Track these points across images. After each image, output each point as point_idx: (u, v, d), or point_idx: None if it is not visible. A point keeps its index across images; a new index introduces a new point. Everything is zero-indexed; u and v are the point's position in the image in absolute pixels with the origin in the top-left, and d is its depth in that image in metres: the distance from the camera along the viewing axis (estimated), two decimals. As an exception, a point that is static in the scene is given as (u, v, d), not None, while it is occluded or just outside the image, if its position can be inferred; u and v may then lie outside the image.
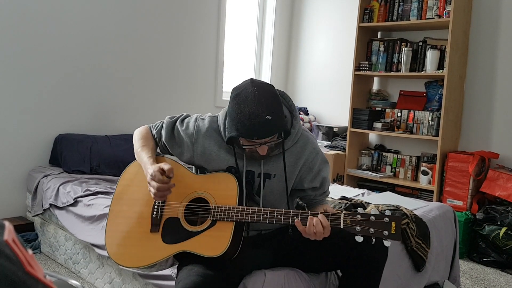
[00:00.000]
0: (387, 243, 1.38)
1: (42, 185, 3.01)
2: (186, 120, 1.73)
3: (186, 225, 1.58)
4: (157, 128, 1.77)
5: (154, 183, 1.54)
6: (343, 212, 1.47)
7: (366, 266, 1.57)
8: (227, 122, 1.58)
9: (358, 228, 1.40)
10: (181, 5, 4.01)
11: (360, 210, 1.45)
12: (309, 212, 1.47)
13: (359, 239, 1.40)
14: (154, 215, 1.63)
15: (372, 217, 1.40)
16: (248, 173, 1.63)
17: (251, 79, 1.53)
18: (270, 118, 1.44)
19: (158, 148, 1.79)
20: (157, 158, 1.72)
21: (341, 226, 1.43)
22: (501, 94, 3.63)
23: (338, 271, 1.81)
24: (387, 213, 1.41)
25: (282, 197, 1.67)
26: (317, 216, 1.44)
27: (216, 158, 1.65)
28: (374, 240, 1.40)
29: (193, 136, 1.67)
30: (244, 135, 1.48)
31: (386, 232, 1.38)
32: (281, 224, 1.50)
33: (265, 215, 1.50)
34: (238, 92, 1.49)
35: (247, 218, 1.50)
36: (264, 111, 1.44)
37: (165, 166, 1.56)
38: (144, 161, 1.66)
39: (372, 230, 1.39)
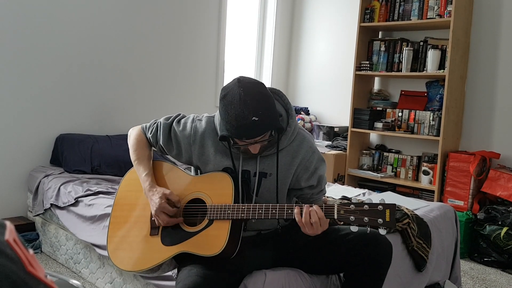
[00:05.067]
0: (382, 231, 1.38)
1: (43, 185, 3.01)
2: (182, 121, 1.72)
3: (185, 226, 1.59)
4: (152, 131, 1.75)
5: (163, 217, 1.56)
6: (337, 202, 1.47)
7: (370, 269, 1.57)
8: (219, 121, 1.58)
9: (352, 217, 1.40)
10: (182, 5, 4.01)
11: (353, 200, 1.44)
12: (304, 205, 1.47)
13: (354, 228, 1.40)
14: (153, 219, 1.63)
15: (366, 206, 1.40)
16: (244, 173, 1.63)
17: (238, 79, 1.50)
18: (256, 119, 1.43)
19: (156, 149, 1.79)
20: (154, 164, 1.73)
21: (335, 216, 1.42)
22: (502, 94, 3.63)
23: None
24: (381, 201, 1.41)
25: (280, 196, 1.67)
26: (312, 207, 1.45)
27: (213, 159, 1.64)
28: (369, 229, 1.40)
29: (190, 137, 1.66)
30: (233, 136, 1.48)
31: (380, 220, 1.37)
32: (277, 218, 1.51)
33: (260, 211, 1.50)
34: (225, 94, 1.48)
35: (242, 215, 1.50)
36: (250, 113, 1.42)
37: (172, 196, 1.57)
38: (141, 178, 1.67)
39: (366, 219, 1.38)
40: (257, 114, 1.43)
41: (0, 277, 0.43)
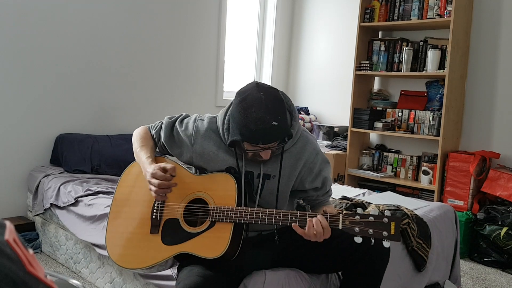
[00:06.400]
0: (386, 243, 1.37)
1: (43, 185, 3.01)
2: (185, 121, 1.72)
3: (186, 226, 1.58)
4: (156, 128, 1.77)
5: (154, 181, 1.53)
6: (342, 212, 1.46)
7: (367, 268, 1.57)
8: (230, 126, 1.56)
9: (357, 229, 1.39)
10: (182, 4, 4.01)
11: (359, 210, 1.43)
12: (308, 213, 1.46)
13: (358, 240, 1.38)
14: (153, 216, 1.63)
15: (371, 218, 1.39)
16: (247, 174, 1.63)
17: (257, 83, 1.51)
18: (276, 124, 1.43)
19: (157, 148, 1.79)
20: (156, 158, 1.72)
21: (340, 227, 1.42)
22: (502, 93, 3.63)
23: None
24: (387, 213, 1.40)
25: (282, 198, 1.67)
26: (315, 217, 1.44)
27: (215, 159, 1.64)
28: (373, 241, 1.39)
29: (192, 136, 1.66)
30: (249, 140, 1.47)
31: (385, 233, 1.36)
32: (280, 225, 1.50)
33: (263, 216, 1.49)
34: (245, 97, 1.48)
35: (245, 219, 1.50)
36: (271, 117, 1.43)
37: (167, 165, 1.56)
38: (142, 160, 1.66)
39: (371, 231, 1.37)
40: (277, 119, 1.44)
41: (0, 277, 0.43)
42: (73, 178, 2.98)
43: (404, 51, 3.88)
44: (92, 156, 3.21)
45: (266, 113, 1.43)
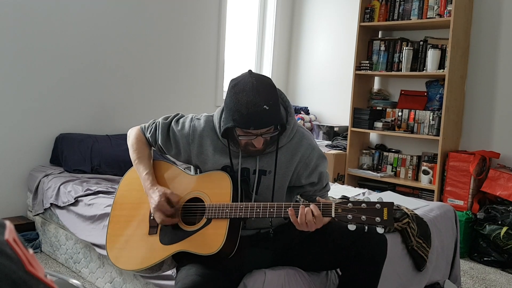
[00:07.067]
0: (380, 230, 1.37)
1: (43, 185, 3.01)
2: (181, 120, 1.72)
3: (183, 225, 1.59)
4: (150, 131, 1.76)
5: (159, 215, 1.56)
6: (334, 201, 1.46)
7: (365, 264, 1.57)
8: (223, 115, 1.57)
9: (350, 216, 1.39)
10: (182, 4, 4.01)
11: (351, 199, 1.43)
12: (301, 203, 1.47)
13: (352, 227, 1.39)
14: (151, 218, 1.63)
15: (364, 204, 1.39)
16: (243, 171, 1.63)
17: (250, 71, 1.53)
18: (267, 108, 1.44)
19: (155, 149, 1.80)
20: (154, 163, 1.74)
21: (333, 215, 1.42)
22: (502, 93, 3.63)
23: (339, 270, 1.82)
24: (379, 200, 1.40)
25: (279, 193, 1.67)
26: (308, 206, 1.44)
27: (212, 158, 1.65)
28: (366, 228, 1.39)
29: (189, 136, 1.67)
30: (241, 125, 1.48)
31: (378, 219, 1.37)
32: (274, 217, 1.50)
33: (258, 210, 1.50)
34: (236, 82, 1.50)
35: (240, 214, 1.50)
36: (262, 101, 1.44)
37: (172, 196, 1.58)
38: (142, 177, 1.67)
39: (363, 217, 1.38)
40: (268, 103, 1.45)
41: (0, 277, 0.43)
42: (73, 178, 2.98)
43: (404, 51, 3.88)
44: (92, 156, 3.21)
45: (257, 97, 1.44)
